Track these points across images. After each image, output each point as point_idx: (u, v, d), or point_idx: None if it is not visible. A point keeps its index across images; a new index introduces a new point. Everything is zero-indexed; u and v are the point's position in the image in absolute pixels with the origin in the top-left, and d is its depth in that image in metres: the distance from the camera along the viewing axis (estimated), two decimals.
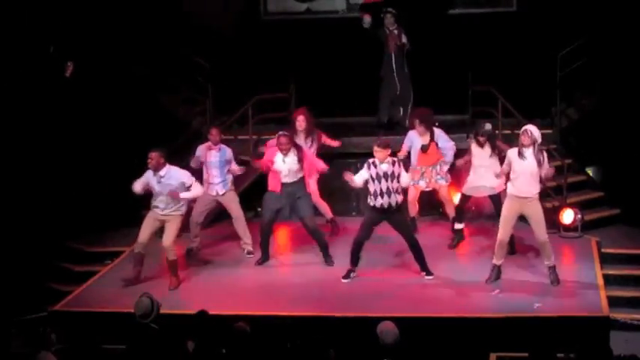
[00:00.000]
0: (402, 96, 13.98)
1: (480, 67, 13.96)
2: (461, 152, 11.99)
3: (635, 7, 13.00)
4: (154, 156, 10.84)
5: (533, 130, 10.38)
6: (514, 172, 10.45)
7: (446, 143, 12.08)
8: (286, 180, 11.44)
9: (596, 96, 13.91)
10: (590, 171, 13.80)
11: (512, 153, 10.53)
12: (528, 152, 10.37)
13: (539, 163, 10.34)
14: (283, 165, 11.41)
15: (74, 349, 8.96)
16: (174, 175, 10.93)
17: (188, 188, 10.98)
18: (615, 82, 13.45)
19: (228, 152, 11.93)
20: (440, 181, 12.16)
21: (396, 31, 13.77)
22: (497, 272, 10.76)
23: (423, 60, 14.15)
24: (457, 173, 12.20)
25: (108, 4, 13.51)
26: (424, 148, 12.08)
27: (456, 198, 12.25)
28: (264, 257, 11.81)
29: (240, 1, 15.30)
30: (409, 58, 13.91)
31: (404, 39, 13.73)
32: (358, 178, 10.89)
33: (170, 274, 11.14)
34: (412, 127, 12.21)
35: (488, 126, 11.64)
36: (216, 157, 11.85)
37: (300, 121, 12.24)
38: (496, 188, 11.47)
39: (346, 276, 11.12)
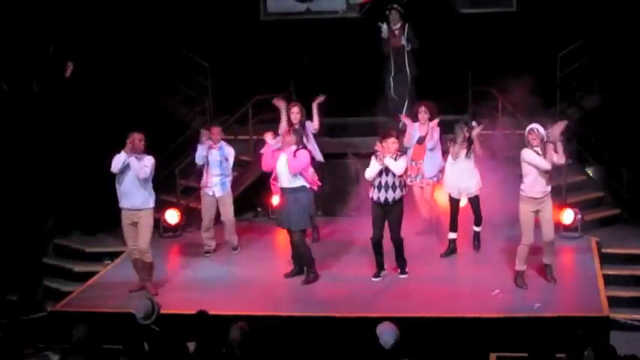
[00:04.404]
0: (395, 98, 13.76)
1: (480, 67, 13.96)
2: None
3: (635, 7, 13.00)
4: (138, 137, 10.52)
5: (539, 128, 10.28)
6: (529, 173, 10.28)
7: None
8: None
9: (596, 96, 13.91)
10: (590, 171, 13.80)
11: (527, 154, 10.28)
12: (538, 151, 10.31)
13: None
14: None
15: (74, 349, 8.94)
16: (147, 157, 10.63)
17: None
18: (615, 81, 13.44)
19: (228, 149, 11.90)
20: (433, 178, 12.06)
21: (397, 31, 13.65)
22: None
23: (423, 60, 14.13)
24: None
25: (108, 5, 13.49)
26: (420, 141, 11.99)
27: (440, 198, 12.18)
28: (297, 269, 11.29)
29: (240, 1, 15.29)
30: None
31: (403, 40, 13.59)
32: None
33: (146, 278, 10.82)
34: (415, 119, 12.07)
35: (474, 123, 11.58)
36: (217, 157, 11.84)
37: (295, 114, 11.97)
38: (473, 190, 11.44)
39: (376, 275, 11.07)
